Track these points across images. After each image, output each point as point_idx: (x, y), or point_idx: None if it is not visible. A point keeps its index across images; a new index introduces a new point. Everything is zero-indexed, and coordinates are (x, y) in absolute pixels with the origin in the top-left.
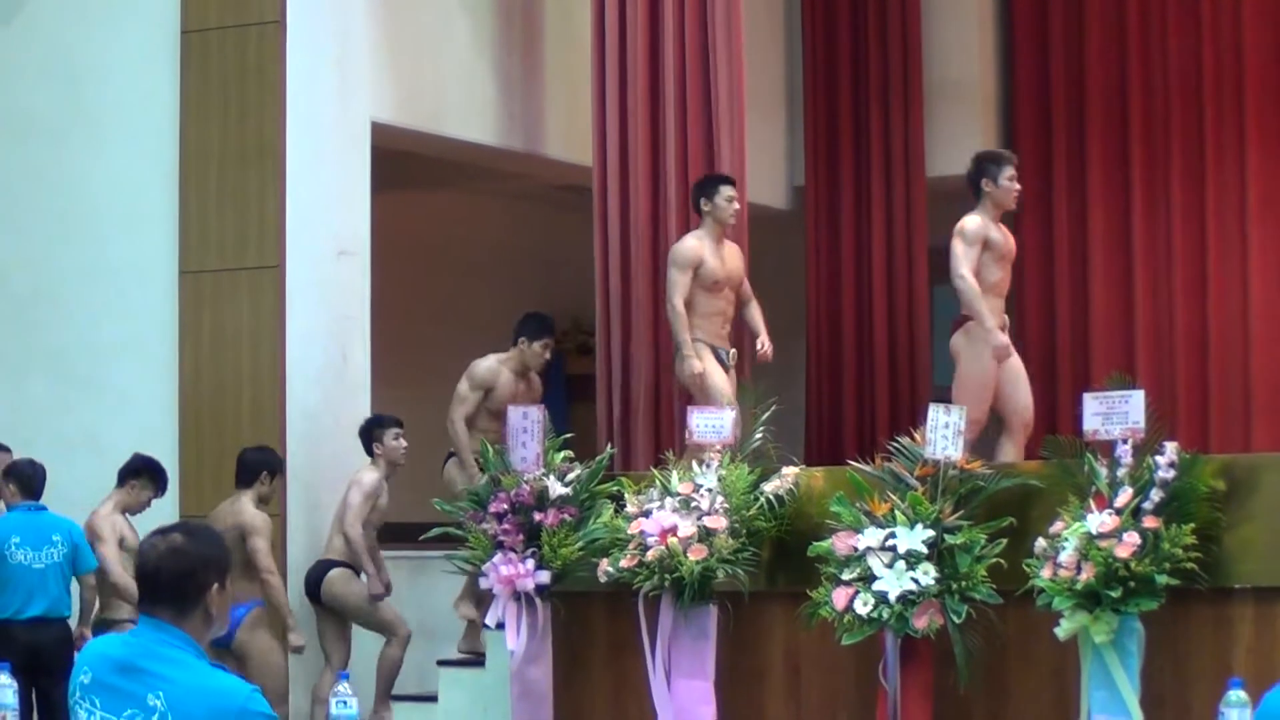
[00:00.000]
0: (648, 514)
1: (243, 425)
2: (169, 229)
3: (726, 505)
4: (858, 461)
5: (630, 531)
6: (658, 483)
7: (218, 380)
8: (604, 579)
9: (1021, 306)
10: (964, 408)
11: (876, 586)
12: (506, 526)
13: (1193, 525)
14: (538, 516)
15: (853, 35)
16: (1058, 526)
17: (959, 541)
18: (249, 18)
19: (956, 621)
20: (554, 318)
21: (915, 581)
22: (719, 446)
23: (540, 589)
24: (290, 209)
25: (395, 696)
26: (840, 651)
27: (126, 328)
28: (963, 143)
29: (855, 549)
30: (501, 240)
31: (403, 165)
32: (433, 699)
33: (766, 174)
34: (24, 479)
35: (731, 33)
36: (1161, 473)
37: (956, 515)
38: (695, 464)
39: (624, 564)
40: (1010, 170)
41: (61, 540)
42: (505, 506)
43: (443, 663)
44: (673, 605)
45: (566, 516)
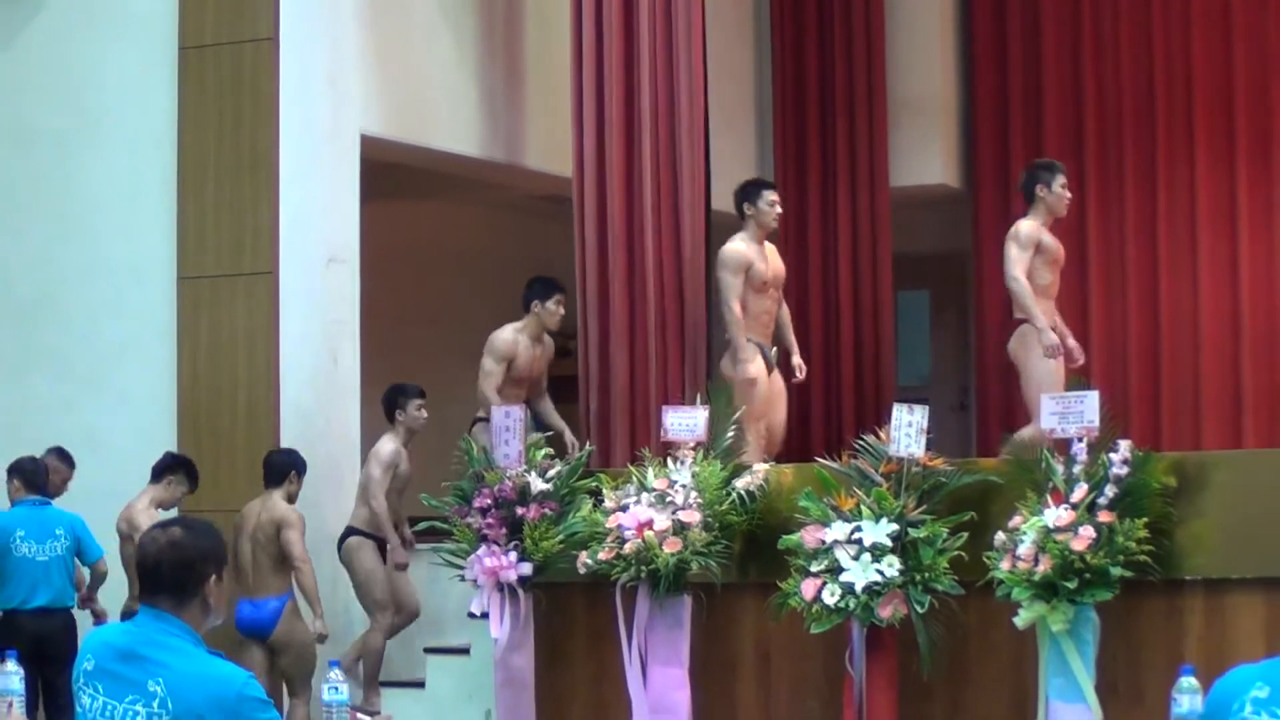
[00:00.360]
0: (625, 508)
1: (239, 425)
2: (167, 235)
3: (700, 500)
4: (825, 459)
5: (608, 525)
6: (634, 479)
7: (215, 381)
8: (583, 570)
9: (980, 313)
10: (926, 408)
11: (843, 578)
12: (490, 520)
13: (1145, 520)
14: (520, 511)
15: (820, 52)
16: (1016, 521)
17: (922, 535)
18: (244, 35)
19: (920, 611)
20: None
21: (880, 573)
22: (692, 444)
23: (523, 580)
24: (283, 217)
25: (384, 683)
26: (809, 640)
27: (126, 330)
28: (925, 153)
29: (823, 542)
30: (484, 248)
31: (390, 176)
32: (420, 685)
33: (737, 183)
34: (27, 475)
35: (692, 50)
36: (1115, 469)
37: (920, 510)
38: (670, 460)
39: (602, 556)
40: (1063, 178)
41: (64, 534)
42: (489, 501)
43: (429, 650)
44: (649, 596)
45: (547, 511)
